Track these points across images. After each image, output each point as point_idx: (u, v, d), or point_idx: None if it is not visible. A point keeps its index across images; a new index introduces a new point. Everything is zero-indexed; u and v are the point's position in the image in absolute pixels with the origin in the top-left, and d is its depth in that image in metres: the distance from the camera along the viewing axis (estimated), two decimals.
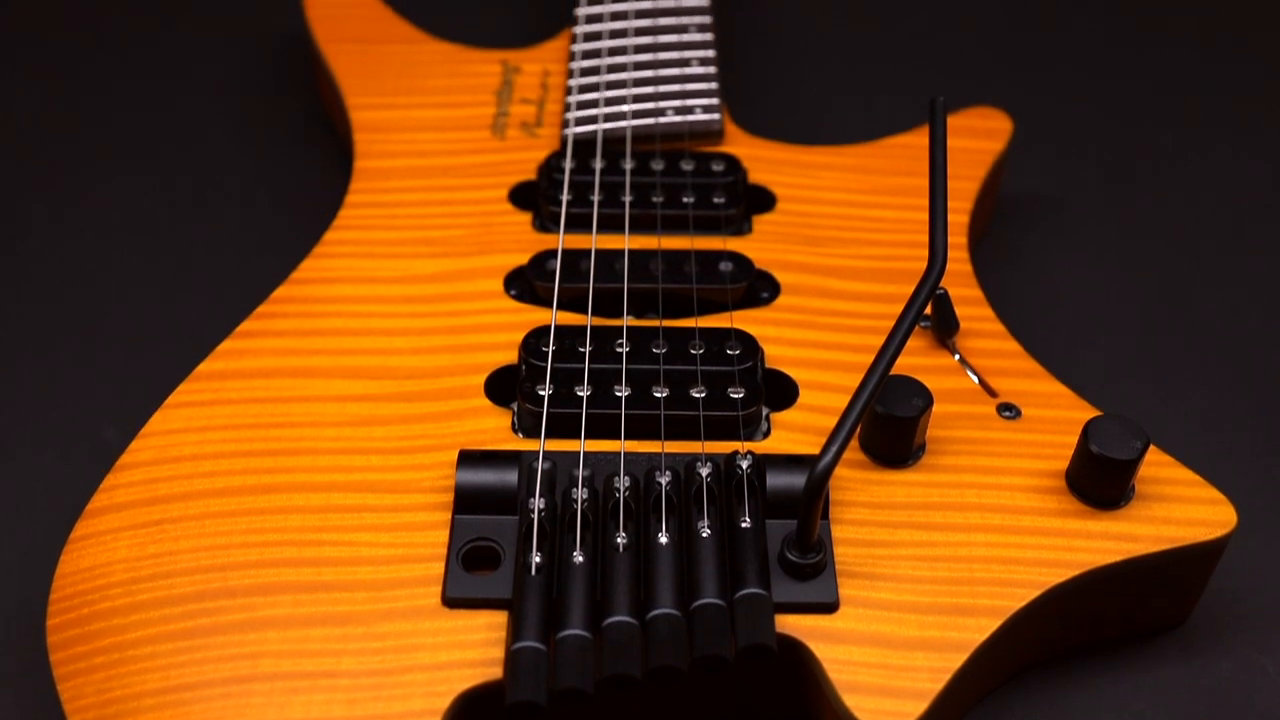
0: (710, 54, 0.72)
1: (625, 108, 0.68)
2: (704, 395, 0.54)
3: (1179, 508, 0.51)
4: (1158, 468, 0.52)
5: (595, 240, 0.61)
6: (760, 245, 0.62)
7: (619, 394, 0.54)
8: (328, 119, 0.79)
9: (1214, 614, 0.56)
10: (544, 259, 0.60)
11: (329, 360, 0.56)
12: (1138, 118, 0.83)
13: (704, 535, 0.48)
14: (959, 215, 0.64)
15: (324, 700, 0.45)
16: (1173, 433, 0.57)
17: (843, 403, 0.48)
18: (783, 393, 0.56)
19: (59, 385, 0.65)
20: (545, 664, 0.44)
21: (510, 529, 0.49)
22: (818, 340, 0.57)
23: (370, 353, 0.56)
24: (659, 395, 0.53)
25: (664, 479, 0.50)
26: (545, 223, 0.64)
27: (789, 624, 0.47)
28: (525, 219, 0.64)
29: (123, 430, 0.54)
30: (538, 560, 0.47)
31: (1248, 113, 0.84)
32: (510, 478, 0.50)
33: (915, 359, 0.56)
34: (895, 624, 0.47)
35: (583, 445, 0.52)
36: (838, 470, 0.51)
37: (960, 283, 0.60)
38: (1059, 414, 0.54)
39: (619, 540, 0.48)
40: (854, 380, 0.49)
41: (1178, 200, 0.77)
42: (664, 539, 0.48)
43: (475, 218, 0.64)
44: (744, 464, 0.50)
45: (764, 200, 0.65)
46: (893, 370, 0.49)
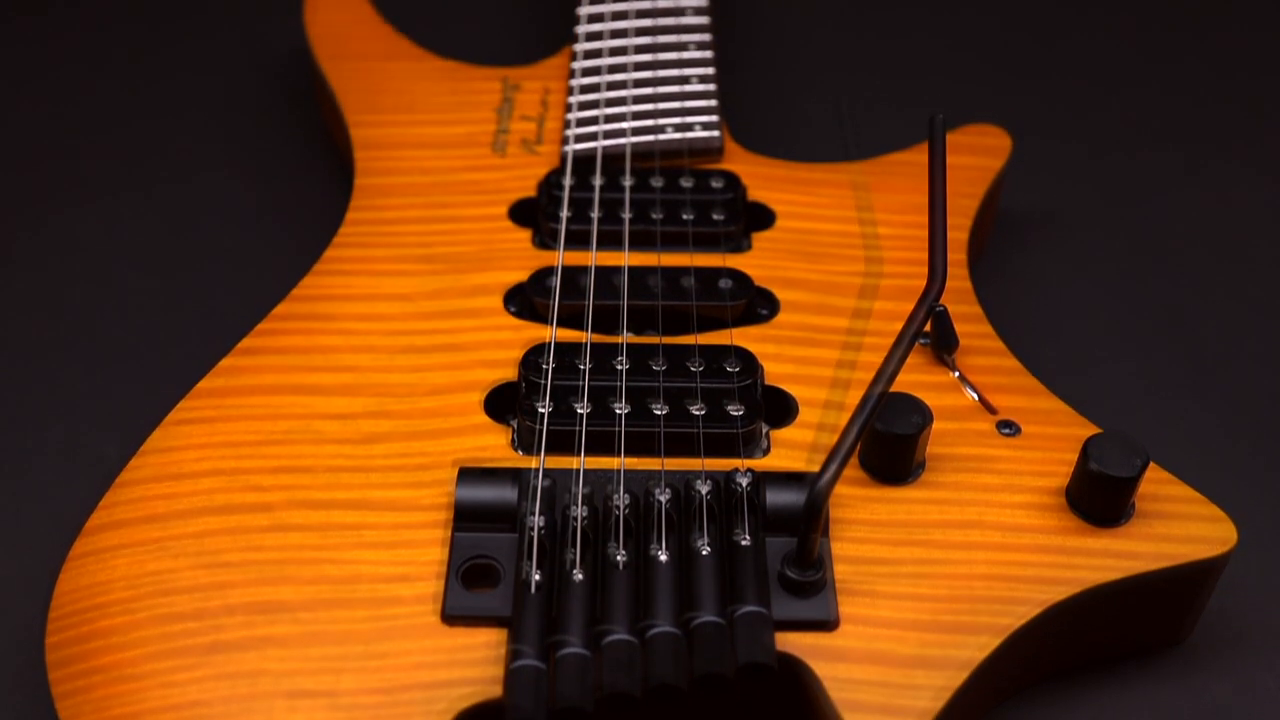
0: (710, 71, 0.72)
1: (625, 125, 0.68)
2: (703, 412, 0.54)
3: (1179, 525, 0.51)
4: (1158, 485, 0.52)
5: (595, 257, 0.61)
6: (759, 262, 0.62)
7: (618, 411, 0.54)
8: (329, 136, 0.79)
9: (1215, 632, 0.56)
10: (544, 276, 0.60)
11: (329, 377, 0.56)
12: (1137, 135, 0.83)
13: (703, 553, 0.48)
14: (958, 232, 0.64)
15: (323, 718, 0.45)
16: (1173, 449, 0.57)
17: (842, 420, 0.48)
18: (782, 410, 0.56)
19: (59, 402, 0.65)
20: (545, 682, 0.44)
21: (510, 546, 0.49)
22: (817, 357, 0.57)
23: (370, 369, 0.56)
24: (658, 412, 0.54)
25: (663, 496, 0.50)
26: (545, 240, 0.64)
27: (789, 642, 0.47)
28: (525, 236, 0.64)
29: (122, 447, 0.54)
30: (537, 578, 0.47)
31: (1247, 130, 0.84)
32: (510, 494, 0.50)
33: (915, 376, 0.56)
34: (896, 642, 0.47)
35: (582, 462, 0.52)
36: (837, 487, 0.51)
37: (959, 299, 0.60)
38: (1059, 431, 0.54)
39: (618, 557, 0.48)
40: (853, 398, 0.49)
41: (1176, 217, 0.77)
42: (663, 556, 0.48)
43: (475, 235, 0.64)
44: (743, 481, 0.50)
45: (763, 217, 0.65)
46: (892, 387, 0.49)
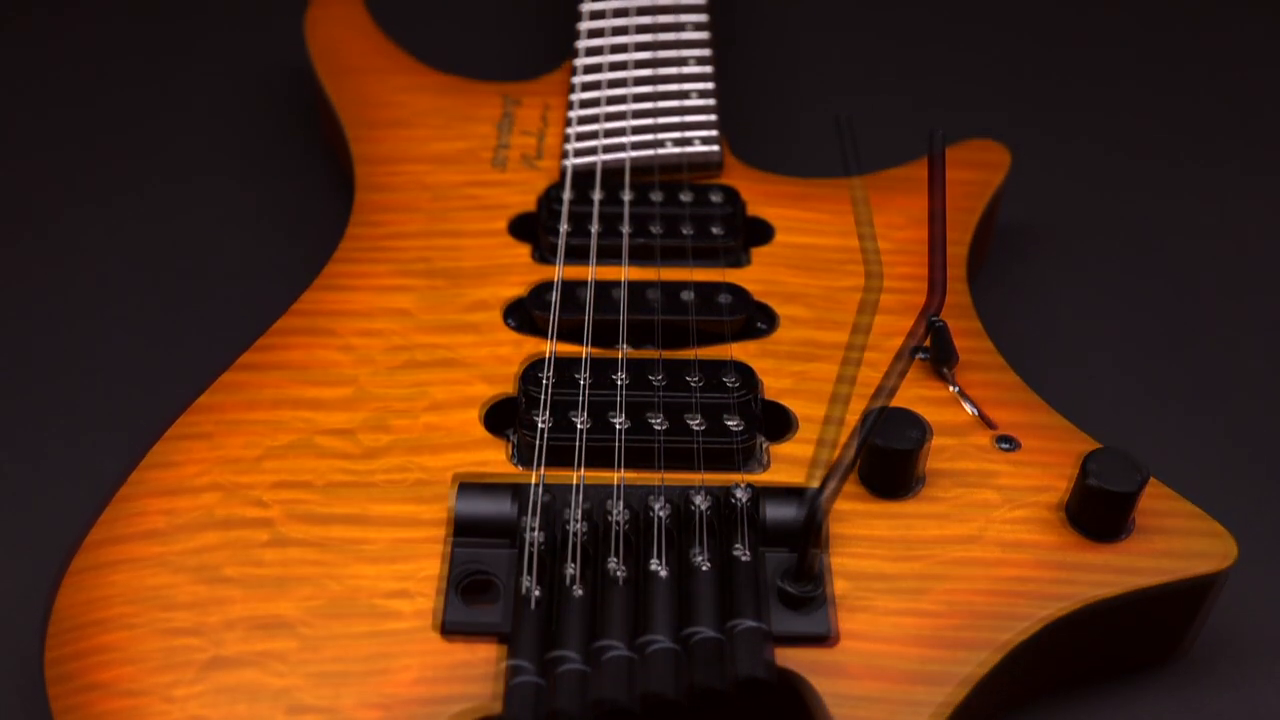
0: (709, 86, 0.72)
1: (624, 139, 0.69)
2: (702, 427, 0.54)
3: (1179, 540, 0.51)
4: (1158, 500, 0.52)
5: (594, 271, 0.62)
6: (758, 277, 0.62)
7: (617, 425, 0.54)
8: (329, 150, 0.79)
9: (1214, 647, 0.55)
10: (544, 290, 0.60)
11: (329, 391, 0.56)
12: (1136, 149, 0.83)
13: (703, 568, 0.48)
14: (958, 247, 0.64)
15: None
16: (1173, 465, 0.57)
17: (841, 435, 0.48)
18: (781, 425, 0.56)
19: (57, 416, 0.65)
20: (543, 696, 0.44)
21: (508, 560, 0.49)
22: (816, 372, 0.57)
23: (370, 384, 0.56)
24: (657, 426, 0.54)
25: (662, 510, 0.50)
26: (545, 254, 0.64)
27: (788, 657, 0.47)
28: (525, 250, 0.64)
29: (121, 462, 0.54)
30: (536, 592, 0.47)
31: (1248, 146, 0.84)
32: (508, 507, 0.50)
33: (914, 391, 0.56)
34: (896, 658, 0.47)
35: (580, 475, 0.52)
36: (836, 502, 0.51)
37: (959, 314, 0.60)
38: (1058, 446, 0.54)
39: (617, 572, 0.48)
40: (853, 413, 0.49)
41: (1176, 232, 0.77)
42: (662, 571, 0.48)
43: (475, 249, 0.64)
44: (742, 496, 0.50)
45: (762, 232, 0.66)
46: (892, 402, 0.49)
